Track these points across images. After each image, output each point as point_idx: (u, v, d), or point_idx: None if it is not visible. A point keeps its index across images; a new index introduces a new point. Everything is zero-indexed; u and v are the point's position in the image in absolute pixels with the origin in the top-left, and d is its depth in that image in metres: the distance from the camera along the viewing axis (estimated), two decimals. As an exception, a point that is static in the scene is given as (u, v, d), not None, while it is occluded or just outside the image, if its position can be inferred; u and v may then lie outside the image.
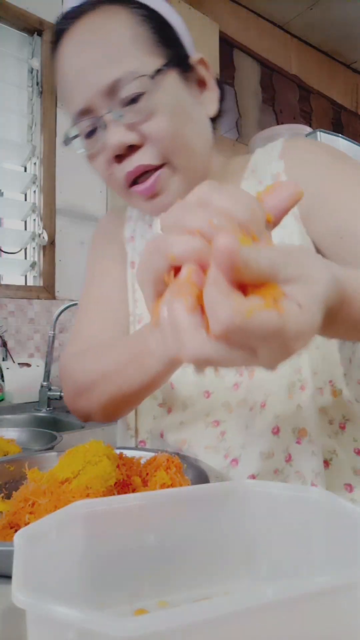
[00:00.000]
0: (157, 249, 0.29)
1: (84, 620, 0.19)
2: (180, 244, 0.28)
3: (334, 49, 3.20)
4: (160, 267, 0.29)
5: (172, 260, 0.28)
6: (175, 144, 0.59)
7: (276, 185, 0.31)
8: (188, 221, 0.28)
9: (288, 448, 0.61)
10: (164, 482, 0.47)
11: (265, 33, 2.86)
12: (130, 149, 0.59)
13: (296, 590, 0.21)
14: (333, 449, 0.63)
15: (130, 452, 0.53)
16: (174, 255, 0.28)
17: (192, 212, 0.28)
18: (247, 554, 0.34)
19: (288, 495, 0.33)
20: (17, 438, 0.96)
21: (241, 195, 0.29)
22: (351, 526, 0.29)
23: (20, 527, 0.41)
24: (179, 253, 0.28)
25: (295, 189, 0.30)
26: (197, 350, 0.27)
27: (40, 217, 1.82)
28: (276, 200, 0.30)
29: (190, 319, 0.27)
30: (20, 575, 0.23)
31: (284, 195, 0.30)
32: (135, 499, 0.33)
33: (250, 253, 0.26)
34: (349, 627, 0.23)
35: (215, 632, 0.20)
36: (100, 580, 0.31)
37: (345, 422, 0.65)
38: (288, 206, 0.30)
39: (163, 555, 0.33)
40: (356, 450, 0.64)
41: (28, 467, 0.48)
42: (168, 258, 0.28)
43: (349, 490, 0.62)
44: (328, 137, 2.03)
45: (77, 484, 0.44)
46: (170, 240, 0.28)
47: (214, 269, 0.26)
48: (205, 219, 0.28)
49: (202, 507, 0.34)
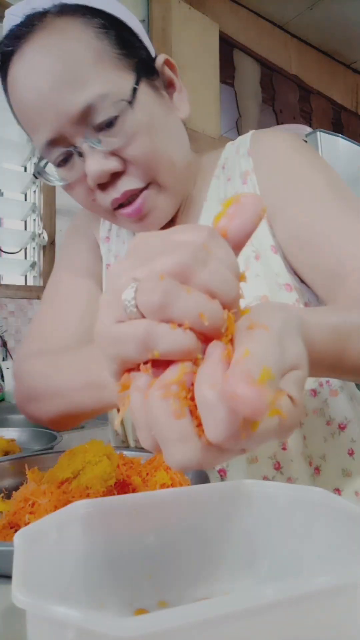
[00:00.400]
0: (135, 335, 0.23)
1: (84, 620, 0.19)
2: (169, 341, 0.23)
3: (334, 49, 3.20)
4: (136, 357, 0.24)
5: (155, 356, 0.24)
6: (158, 163, 0.56)
7: (237, 205, 0.26)
8: (174, 310, 0.23)
9: (276, 455, 0.60)
10: (164, 482, 0.47)
11: (265, 33, 2.86)
12: (113, 175, 0.56)
13: (296, 590, 0.21)
14: (322, 454, 0.63)
15: (131, 452, 0.53)
16: (160, 353, 0.23)
17: (173, 294, 0.23)
18: (247, 554, 0.34)
19: (288, 495, 0.33)
20: (17, 438, 0.96)
21: (225, 263, 0.25)
22: (351, 526, 0.29)
23: (20, 527, 0.41)
24: (165, 351, 0.23)
25: (257, 207, 0.26)
26: (184, 459, 0.23)
27: (40, 217, 1.83)
28: (240, 225, 0.26)
29: (180, 428, 0.23)
30: (20, 575, 0.23)
31: (247, 216, 0.26)
32: (135, 499, 0.33)
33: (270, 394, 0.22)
34: (349, 627, 0.23)
35: (215, 632, 0.20)
36: (100, 580, 0.31)
37: (347, 422, 0.64)
38: (253, 229, 0.27)
39: (163, 555, 0.33)
40: (350, 451, 0.64)
41: (28, 467, 0.48)
42: (149, 352, 0.24)
43: (337, 494, 0.62)
44: (328, 137, 2.03)
45: (77, 484, 0.44)
46: (153, 331, 0.23)
47: (212, 369, 0.23)
48: (194, 311, 0.23)
49: (202, 507, 0.34)
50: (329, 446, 0.63)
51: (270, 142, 0.64)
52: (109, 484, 0.45)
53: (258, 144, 0.64)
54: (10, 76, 0.56)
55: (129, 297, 0.24)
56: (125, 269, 0.25)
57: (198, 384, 0.23)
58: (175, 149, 0.59)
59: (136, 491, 0.47)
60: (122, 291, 0.24)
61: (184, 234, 0.25)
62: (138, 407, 0.24)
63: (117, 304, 0.25)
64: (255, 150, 0.64)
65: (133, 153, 0.55)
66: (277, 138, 0.64)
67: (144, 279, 0.24)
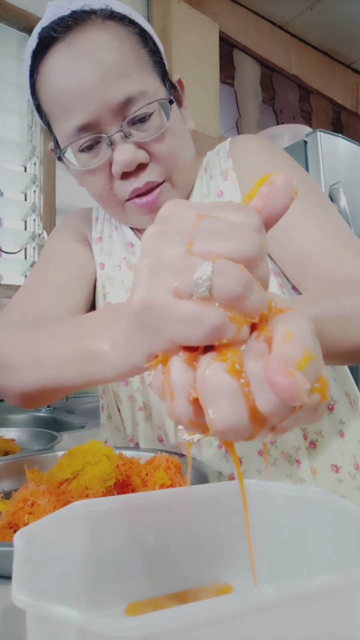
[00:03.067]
0: (213, 322, 0.23)
1: (84, 620, 0.19)
2: (234, 332, 0.24)
3: (334, 49, 3.20)
4: (202, 341, 0.24)
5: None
6: (176, 163, 0.63)
7: (269, 185, 0.26)
8: (246, 303, 0.24)
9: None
10: (163, 482, 0.47)
11: (265, 33, 2.86)
12: (138, 167, 0.60)
13: (296, 590, 0.21)
14: (319, 430, 0.64)
15: (130, 453, 0.53)
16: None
17: (250, 288, 0.24)
18: (247, 554, 0.34)
19: (288, 495, 0.33)
20: (17, 438, 0.96)
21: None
22: (351, 526, 0.29)
23: (20, 528, 0.41)
24: (229, 341, 0.24)
25: (290, 189, 0.26)
26: (232, 415, 0.23)
27: (40, 217, 1.83)
28: (272, 207, 0.26)
29: (231, 385, 0.23)
30: (20, 575, 0.23)
31: (280, 198, 0.26)
32: (135, 499, 0.33)
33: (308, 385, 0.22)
34: (349, 627, 0.23)
35: (215, 632, 0.20)
36: (100, 580, 0.31)
37: (334, 403, 0.67)
38: (284, 211, 0.26)
39: (163, 556, 0.33)
40: (340, 433, 0.66)
41: (28, 468, 0.48)
42: (217, 340, 0.24)
43: (335, 470, 0.64)
44: (328, 137, 2.03)
45: (76, 484, 0.44)
46: (227, 321, 0.23)
47: (260, 345, 0.23)
48: (261, 306, 0.24)
49: (202, 507, 0.34)
50: (326, 423, 0.65)
51: (248, 144, 0.69)
52: (108, 485, 0.45)
53: (236, 147, 0.70)
54: (51, 61, 0.59)
55: (203, 277, 0.23)
56: (176, 237, 0.25)
57: (248, 359, 0.23)
58: (187, 154, 0.67)
59: (135, 491, 0.47)
60: (183, 262, 0.24)
61: (237, 216, 0.25)
62: (180, 371, 0.24)
63: (172, 275, 0.24)
64: (234, 152, 0.70)
65: (159, 149, 0.61)
66: (254, 141, 0.70)
67: (221, 262, 0.23)
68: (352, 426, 0.67)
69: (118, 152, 0.59)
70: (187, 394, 0.24)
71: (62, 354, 0.47)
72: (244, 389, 0.23)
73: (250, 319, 0.24)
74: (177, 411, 0.25)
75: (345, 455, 0.65)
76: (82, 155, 0.61)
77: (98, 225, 0.79)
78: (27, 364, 0.51)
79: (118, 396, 0.73)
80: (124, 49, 0.58)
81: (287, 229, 0.59)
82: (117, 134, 0.58)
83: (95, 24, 0.59)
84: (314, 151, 2.00)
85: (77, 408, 1.60)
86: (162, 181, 0.63)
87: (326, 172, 1.97)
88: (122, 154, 0.58)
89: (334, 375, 0.69)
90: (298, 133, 2.24)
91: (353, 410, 0.69)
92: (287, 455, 0.62)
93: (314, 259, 0.56)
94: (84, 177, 0.64)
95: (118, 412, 0.74)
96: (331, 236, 0.57)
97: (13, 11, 1.76)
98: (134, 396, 0.71)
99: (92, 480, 0.44)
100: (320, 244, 0.57)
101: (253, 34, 2.78)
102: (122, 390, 0.72)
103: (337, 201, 1.91)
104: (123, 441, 0.75)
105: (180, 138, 0.65)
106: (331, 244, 0.57)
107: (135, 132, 0.59)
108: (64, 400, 1.60)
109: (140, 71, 0.59)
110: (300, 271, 0.59)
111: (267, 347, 0.23)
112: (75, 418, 1.41)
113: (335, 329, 0.43)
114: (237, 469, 0.41)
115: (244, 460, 0.62)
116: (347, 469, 0.65)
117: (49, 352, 0.49)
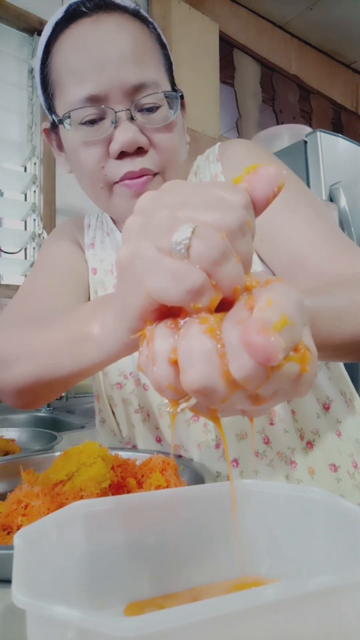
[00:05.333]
0: (195, 279, 0.24)
1: (84, 620, 0.19)
2: (210, 298, 0.24)
3: (334, 49, 3.20)
4: (180, 299, 0.25)
5: (191, 308, 0.25)
6: (173, 158, 0.64)
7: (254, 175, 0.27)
8: (220, 270, 0.24)
9: (264, 430, 0.62)
10: (159, 483, 0.46)
11: (265, 33, 2.86)
12: (136, 150, 0.60)
13: (296, 590, 0.21)
14: (316, 430, 0.65)
15: (126, 454, 0.53)
16: (200, 306, 0.25)
17: (227, 256, 0.24)
18: (247, 554, 0.34)
19: (288, 495, 0.33)
20: (17, 438, 0.96)
21: (253, 235, 0.26)
22: (351, 526, 0.29)
23: (13, 530, 0.41)
24: (204, 306, 0.25)
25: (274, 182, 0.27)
26: (204, 375, 0.23)
27: (40, 217, 1.83)
28: (260, 187, 0.27)
29: (207, 347, 0.23)
30: (20, 576, 0.23)
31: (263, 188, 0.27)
32: (134, 499, 0.33)
33: (284, 346, 0.22)
34: (349, 627, 0.23)
35: (215, 632, 0.20)
36: (99, 580, 0.31)
37: (330, 402, 0.67)
38: (269, 197, 0.27)
39: (163, 556, 0.33)
40: (337, 432, 0.66)
41: (24, 468, 0.48)
42: (194, 302, 0.25)
43: (333, 469, 0.64)
44: (328, 137, 2.03)
45: (70, 486, 0.44)
46: (208, 284, 0.24)
47: (240, 313, 0.24)
48: (234, 279, 0.25)
49: (201, 508, 0.34)
50: (322, 422, 0.65)
51: (236, 148, 0.70)
52: (103, 486, 0.44)
53: (225, 152, 0.71)
54: (76, 31, 0.61)
55: (183, 237, 0.24)
56: (168, 203, 0.26)
57: (226, 324, 0.24)
58: (182, 156, 0.67)
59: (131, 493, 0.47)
60: (169, 224, 0.25)
61: (226, 192, 0.26)
62: (163, 337, 0.25)
63: (158, 233, 0.25)
64: (223, 156, 0.70)
65: (161, 139, 0.62)
66: (242, 146, 0.71)
67: (202, 226, 0.24)
68: (349, 425, 0.68)
69: (120, 130, 0.59)
70: (167, 357, 0.25)
71: (55, 341, 0.49)
72: (221, 350, 0.24)
73: (224, 290, 0.25)
74: (157, 375, 0.25)
75: (343, 454, 0.65)
76: (82, 128, 0.61)
77: (90, 231, 0.81)
78: (22, 356, 0.52)
79: (112, 399, 0.74)
80: (147, 43, 0.62)
81: (278, 229, 0.60)
82: (124, 112, 0.59)
83: (124, 14, 0.62)
84: (314, 151, 2.00)
85: (77, 408, 1.60)
86: (156, 172, 0.62)
87: (326, 172, 1.97)
88: (124, 133, 0.59)
89: (329, 375, 0.69)
90: (298, 133, 2.24)
91: (349, 409, 0.69)
92: (283, 456, 0.62)
93: (306, 257, 0.58)
94: (78, 151, 0.62)
95: (112, 416, 0.74)
96: (322, 235, 0.59)
97: (13, 11, 1.76)
98: (128, 399, 0.71)
99: (86, 482, 0.44)
100: (312, 242, 0.58)
101: (253, 34, 2.78)
102: (117, 394, 0.72)
103: (337, 201, 1.91)
104: (119, 444, 0.75)
105: (180, 138, 0.66)
106: (322, 242, 0.58)
107: (141, 118, 0.60)
108: (64, 401, 1.60)
109: (157, 66, 0.62)
110: (292, 270, 0.59)
111: (249, 315, 0.24)
112: (75, 418, 1.41)
113: (330, 322, 0.44)
114: (225, 446, 0.42)
115: (241, 461, 0.62)
116: (346, 468, 0.65)
117: (42, 342, 0.51)
